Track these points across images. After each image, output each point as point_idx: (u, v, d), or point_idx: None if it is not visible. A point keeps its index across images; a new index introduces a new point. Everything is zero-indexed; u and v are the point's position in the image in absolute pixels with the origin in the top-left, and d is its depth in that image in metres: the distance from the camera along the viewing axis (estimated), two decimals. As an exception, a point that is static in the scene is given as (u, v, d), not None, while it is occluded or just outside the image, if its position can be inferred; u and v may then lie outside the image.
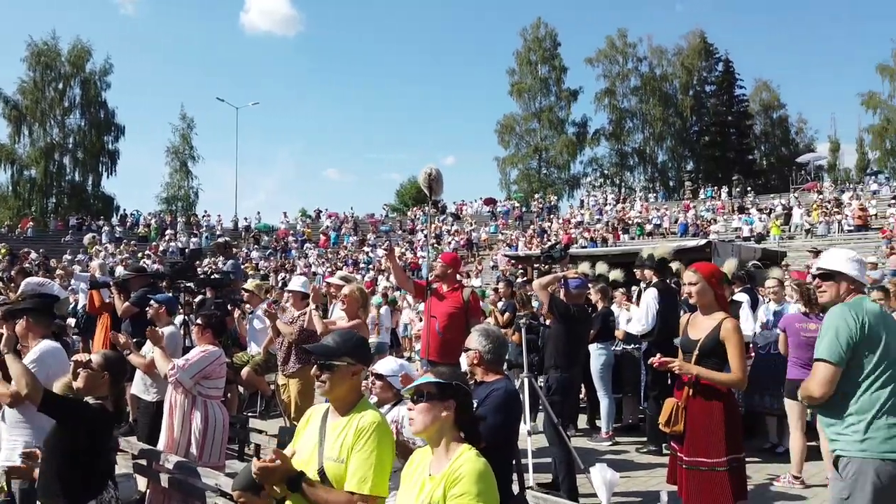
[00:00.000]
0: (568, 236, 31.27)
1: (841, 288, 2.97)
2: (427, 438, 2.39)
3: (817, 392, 2.85)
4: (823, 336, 2.89)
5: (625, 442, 7.13)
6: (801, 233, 26.38)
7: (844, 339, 2.80)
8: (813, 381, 2.88)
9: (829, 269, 3.01)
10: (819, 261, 3.11)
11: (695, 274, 3.93)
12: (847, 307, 2.90)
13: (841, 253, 3.10)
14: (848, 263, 2.98)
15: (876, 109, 50.23)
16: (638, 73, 57.63)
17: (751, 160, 57.51)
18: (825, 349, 2.85)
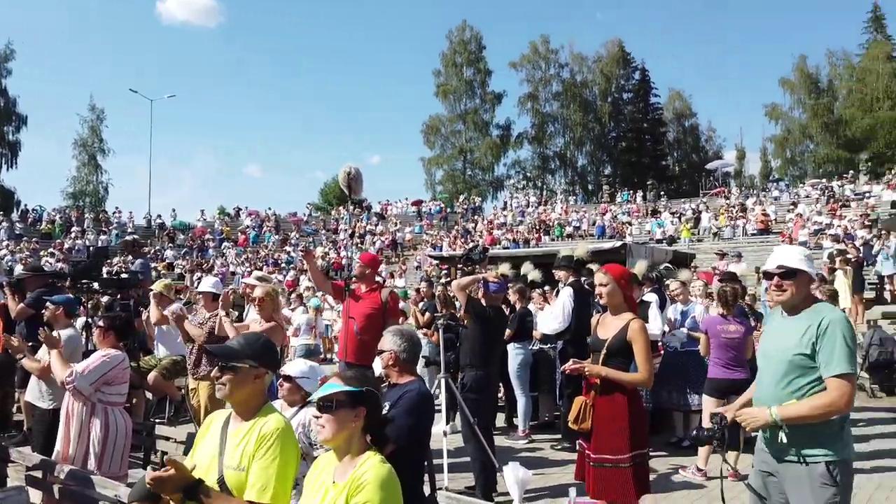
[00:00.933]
0: (491, 237, 31.72)
1: (802, 286, 2.84)
2: (334, 447, 2.34)
3: (849, 407, 2.67)
4: (835, 347, 2.65)
5: (541, 439, 7.28)
6: (709, 236, 27.73)
7: (853, 348, 2.70)
8: (842, 398, 2.63)
9: (792, 267, 2.83)
10: (776, 258, 2.91)
11: (605, 275, 4.04)
12: (842, 314, 2.86)
13: (795, 251, 2.95)
14: (806, 262, 2.86)
15: (778, 120, 53.69)
16: (560, 79, 59.25)
17: (664, 166, 60.21)
18: (845, 362, 2.64)
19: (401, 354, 3.34)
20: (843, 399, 2.63)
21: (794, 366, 2.77)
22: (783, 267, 2.86)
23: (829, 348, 2.67)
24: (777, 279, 2.87)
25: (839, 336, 2.68)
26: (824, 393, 2.67)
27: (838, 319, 2.74)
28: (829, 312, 2.79)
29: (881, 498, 5.29)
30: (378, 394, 2.48)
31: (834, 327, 2.70)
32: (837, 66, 52.26)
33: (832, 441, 2.70)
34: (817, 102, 50.59)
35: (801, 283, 2.85)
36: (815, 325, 2.73)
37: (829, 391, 2.65)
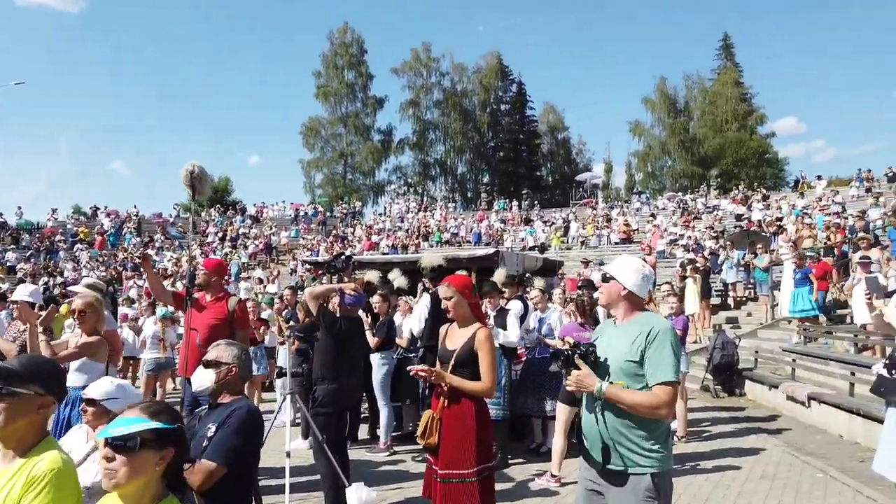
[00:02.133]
0: (370, 242, 31.42)
1: (612, 291, 2.95)
2: (122, 495, 1.92)
3: (669, 414, 2.76)
4: (662, 356, 2.73)
5: (403, 451, 7.12)
6: (577, 244, 29.06)
7: (678, 357, 2.78)
8: (665, 405, 2.69)
9: (608, 273, 3.00)
10: (607, 266, 3.08)
11: (449, 288, 3.96)
12: (670, 324, 2.93)
13: (626, 260, 3.03)
14: (629, 272, 2.94)
15: (641, 137, 57.50)
16: (441, 88, 60.06)
17: (539, 176, 62.70)
18: (671, 371, 2.71)
19: (241, 370, 3.09)
20: (666, 406, 2.70)
21: (624, 373, 2.80)
22: (605, 273, 3.04)
23: (656, 357, 2.74)
24: (599, 280, 3.09)
25: (666, 345, 2.75)
26: (650, 393, 2.72)
27: (666, 329, 2.81)
28: (657, 322, 2.87)
29: (718, 496, 5.58)
30: (185, 430, 2.18)
31: (662, 337, 2.76)
32: (693, 88, 56.85)
33: (658, 452, 2.74)
34: (675, 122, 54.71)
35: (611, 287, 2.98)
36: (645, 333, 2.79)
37: (654, 395, 2.71)
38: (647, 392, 2.73)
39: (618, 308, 2.98)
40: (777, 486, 5.80)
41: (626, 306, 2.96)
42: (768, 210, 26.82)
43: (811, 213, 22.57)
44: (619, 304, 2.96)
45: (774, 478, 6.05)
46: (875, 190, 26.17)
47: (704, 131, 53.75)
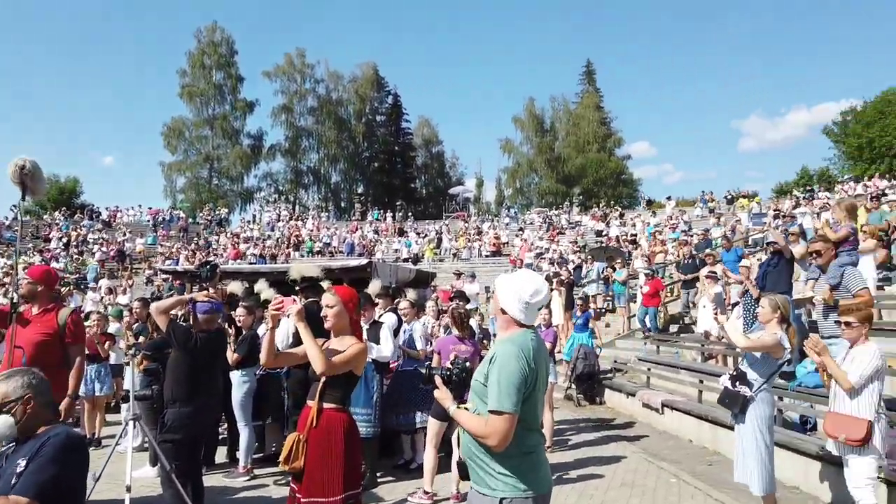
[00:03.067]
0: (236, 251, 29.96)
1: (494, 306, 2.87)
2: None
3: (501, 446, 2.53)
4: (493, 383, 2.55)
5: (264, 475, 6.66)
6: (450, 256, 29.45)
7: (518, 383, 2.54)
8: (493, 434, 2.51)
9: (494, 288, 2.89)
10: (501, 277, 2.88)
11: (333, 296, 3.74)
12: (514, 345, 2.66)
13: (515, 284, 2.75)
14: (508, 295, 2.74)
15: (510, 154, 59.69)
16: (315, 95, 58.94)
17: (413, 188, 63.19)
18: (495, 399, 2.52)
19: (39, 396, 2.69)
20: (494, 436, 2.50)
21: (476, 393, 2.69)
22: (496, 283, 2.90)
23: (490, 382, 2.60)
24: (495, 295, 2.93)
25: (496, 372, 2.57)
26: (482, 421, 2.58)
27: (501, 354, 2.62)
28: (503, 345, 2.68)
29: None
30: None
31: (498, 362, 2.60)
32: (558, 110, 59.93)
33: (509, 477, 2.58)
34: (542, 141, 57.33)
35: (494, 302, 2.86)
36: (492, 355, 2.68)
37: (483, 423, 2.56)
38: (481, 419, 2.58)
39: (498, 323, 2.85)
40: (636, 493, 6.02)
41: (502, 322, 2.83)
42: (624, 227, 28.68)
43: (662, 230, 24.35)
44: (498, 319, 2.85)
45: (633, 485, 6.28)
46: (716, 211, 28.77)
47: (568, 151, 56.72)
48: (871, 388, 4.30)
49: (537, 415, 2.74)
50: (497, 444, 2.52)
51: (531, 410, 2.67)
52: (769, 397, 4.82)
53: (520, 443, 2.61)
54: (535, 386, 2.67)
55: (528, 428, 2.65)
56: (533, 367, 2.61)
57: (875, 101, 47.46)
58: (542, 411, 2.85)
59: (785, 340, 4.72)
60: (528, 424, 2.66)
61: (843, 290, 5.80)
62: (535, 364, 2.65)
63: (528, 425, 2.66)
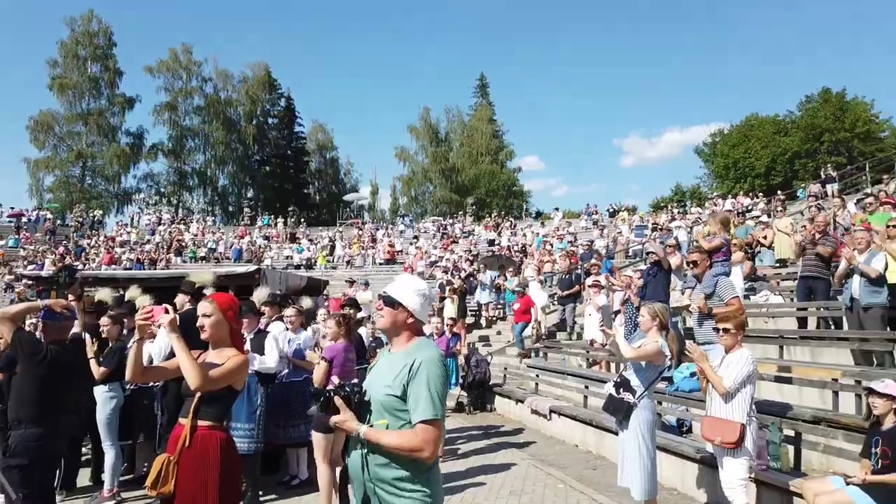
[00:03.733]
0: (110, 256, 27.95)
1: (398, 318, 2.67)
2: None
3: (433, 455, 2.48)
4: (422, 391, 2.46)
5: (133, 498, 6.14)
6: (343, 263, 28.96)
7: (444, 389, 2.54)
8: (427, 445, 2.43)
9: (392, 296, 2.70)
10: (389, 285, 2.78)
11: (211, 304, 3.44)
12: (435, 350, 2.63)
13: (411, 283, 2.76)
14: (414, 296, 2.68)
15: (406, 162, 59.74)
16: (202, 93, 56.35)
17: (306, 194, 61.70)
18: (430, 408, 2.44)
19: None
20: (428, 446, 2.44)
21: (385, 408, 2.53)
22: (387, 295, 2.75)
23: (416, 392, 2.49)
24: (380, 302, 2.78)
25: (426, 379, 2.49)
26: (410, 434, 2.46)
27: (429, 360, 2.55)
28: (423, 352, 2.59)
29: (471, 514, 5.65)
30: None
31: (423, 369, 2.51)
32: (453, 121, 60.74)
33: (419, 491, 2.50)
34: (437, 150, 57.85)
35: (397, 314, 2.69)
36: (409, 365, 2.53)
37: (415, 436, 2.45)
38: (408, 432, 2.46)
39: (399, 335, 2.70)
40: (525, 500, 6.07)
41: (407, 334, 2.70)
42: (515, 237, 29.44)
43: (551, 240, 25.18)
44: (402, 332, 2.70)
45: (522, 492, 6.33)
46: (600, 223, 30.16)
47: (462, 162, 57.59)
48: (744, 392, 4.55)
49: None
50: (431, 454, 2.47)
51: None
52: (651, 404, 4.99)
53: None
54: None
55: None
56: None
57: (739, 126, 51.75)
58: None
59: (665, 348, 4.92)
60: None
61: (716, 299, 6.15)
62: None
63: None
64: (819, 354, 8.07)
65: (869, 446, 4.18)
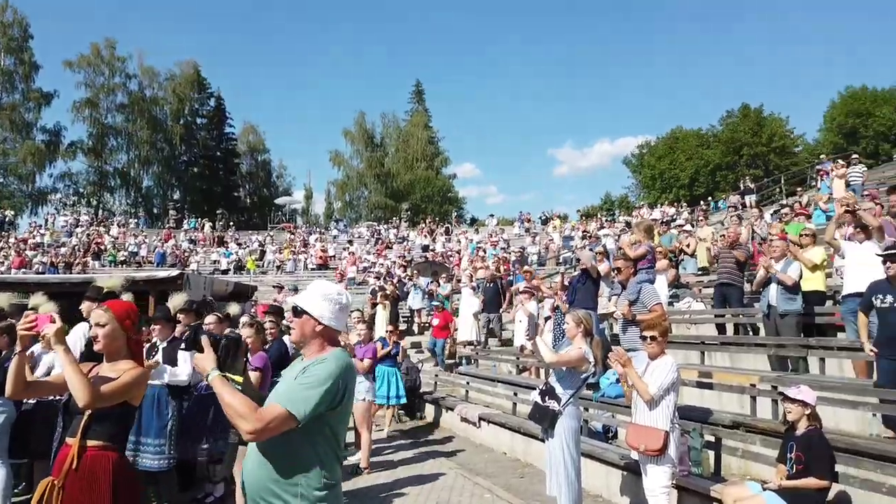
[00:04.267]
0: (21, 259, 26.30)
1: (305, 327, 2.53)
2: None
3: (255, 438, 2.31)
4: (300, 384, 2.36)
5: (26, 521, 5.66)
6: (273, 268, 28.23)
7: (322, 401, 2.33)
8: (253, 421, 2.26)
9: (299, 305, 2.56)
10: (298, 297, 2.64)
11: (105, 313, 3.15)
12: (339, 362, 2.45)
13: (318, 290, 2.59)
14: (321, 303, 2.54)
15: (340, 166, 59.07)
16: (126, 91, 54.03)
17: (236, 197, 60.00)
18: (289, 399, 2.31)
19: None
20: (257, 423, 2.26)
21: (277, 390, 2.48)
22: (296, 305, 2.61)
23: (299, 381, 2.39)
24: (290, 315, 2.71)
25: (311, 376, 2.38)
26: (251, 404, 2.33)
27: (329, 361, 2.44)
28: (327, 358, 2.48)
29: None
30: None
31: (311, 370, 2.41)
32: (389, 126, 60.53)
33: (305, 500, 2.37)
34: (372, 155, 57.46)
35: (304, 323, 2.56)
36: (305, 367, 2.47)
37: (255, 408, 2.32)
38: (250, 402, 2.33)
39: (310, 345, 2.56)
40: (451, 511, 5.95)
41: (319, 343, 2.55)
42: (450, 243, 29.46)
43: (485, 246, 25.30)
44: (312, 342, 2.55)
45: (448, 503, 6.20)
46: (532, 230, 30.55)
47: (398, 167, 57.41)
48: (667, 399, 4.57)
49: (343, 443, 2.58)
50: (255, 431, 2.27)
51: (338, 438, 2.51)
52: (576, 411, 4.96)
53: (331, 473, 2.43)
54: (346, 410, 2.51)
55: (336, 458, 2.48)
56: (344, 392, 2.43)
57: (665, 138, 53.76)
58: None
59: (589, 354, 4.90)
60: (336, 454, 2.49)
61: (640, 306, 6.22)
62: (349, 389, 2.50)
63: (336, 455, 2.49)
64: (738, 360, 8.32)
65: (785, 451, 4.26)
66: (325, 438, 2.43)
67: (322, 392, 2.34)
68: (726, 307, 9.47)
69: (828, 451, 4.11)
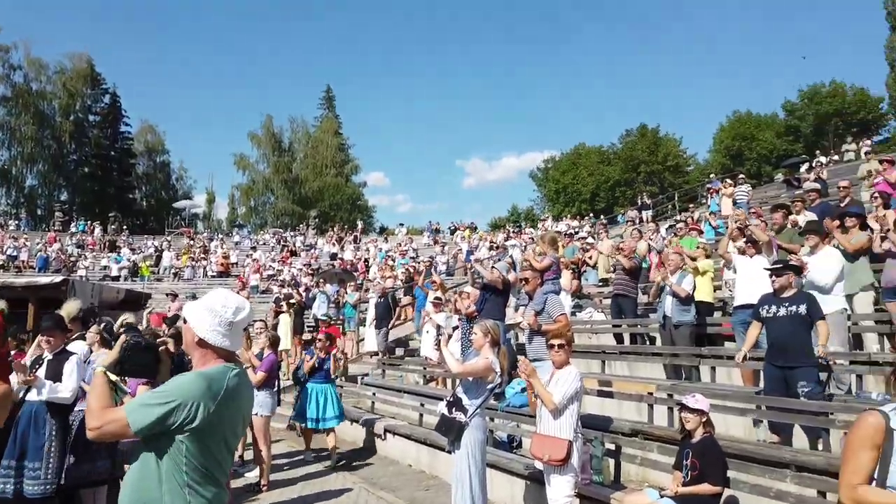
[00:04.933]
0: None
1: (187, 336, 2.37)
2: None
3: (94, 436, 2.21)
4: (152, 392, 2.23)
5: None
6: (170, 275, 26.84)
7: (164, 415, 2.14)
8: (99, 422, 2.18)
9: (185, 315, 2.40)
10: (188, 305, 2.46)
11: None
12: (202, 381, 2.24)
13: (206, 299, 2.43)
14: (201, 313, 2.35)
15: (245, 171, 57.26)
16: (10, 83, 50.06)
17: (131, 199, 56.67)
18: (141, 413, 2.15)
19: None
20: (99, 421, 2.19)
21: None
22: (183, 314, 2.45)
23: (151, 391, 2.28)
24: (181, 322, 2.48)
25: (163, 387, 2.26)
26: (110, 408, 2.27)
27: (186, 378, 2.27)
28: (189, 374, 2.34)
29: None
30: None
31: (172, 381, 2.29)
32: (298, 131, 59.37)
33: None
34: (279, 160, 56.09)
35: (187, 332, 2.41)
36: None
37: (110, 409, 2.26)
38: (105, 400, 2.28)
39: (193, 356, 2.40)
40: (354, 528, 5.77)
41: (200, 355, 2.37)
42: (359, 252, 29.10)
43: (394, 255, 25.16)
44: (194, 353, 2.38)
45: (352, 519, 6.03)
46: (441, 241, 30.71)
47: (306, 173, 56.33)
48: (571, 408, 4.62)
49: (224, 465, 2.34)
50: (93, 429, 2.20)
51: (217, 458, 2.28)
52: (482, 423, 4.93)
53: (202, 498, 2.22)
54: (210, 433, 2.24)
55: (210, 480, 2.25)
56: (198, 413, 2.18)
57: (568, 154, 55.74)
58: (231, 461, 2.44)
59: (496, 364, 4.89)
60: (212, 475, 2.26)
61: (545, 316, 6.31)
62: (226, 406, 2.27)
63: (211, 477, 2.26)
64: (636, 369, 8.63)
65: (681, 458, 4.40)
66: (189, 460, 2.20)
67: (164, 410, 2.14)
68: (622, 317, 9.87)
69: (721, 458, 4.29)
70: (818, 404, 5.14)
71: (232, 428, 2.35)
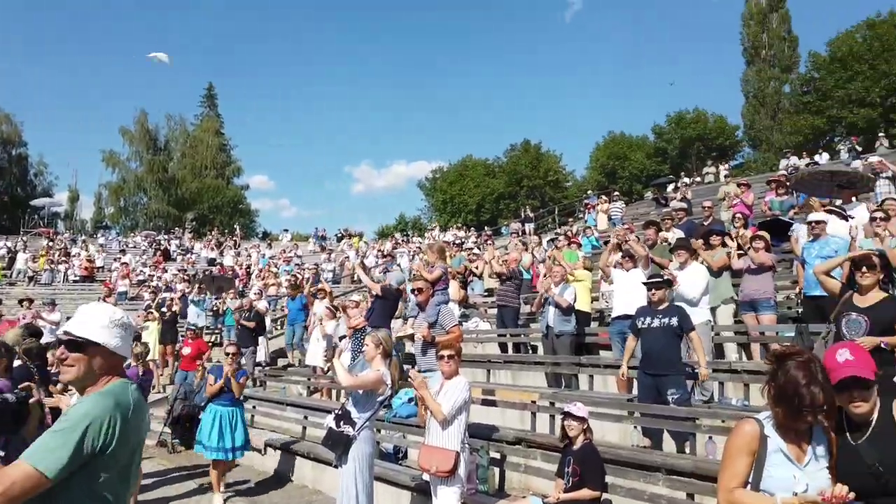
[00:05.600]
0: None
1: (95, 362, 2.10)
2: None
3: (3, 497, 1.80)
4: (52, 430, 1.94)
5: None
6: (25, 279, 24.46)
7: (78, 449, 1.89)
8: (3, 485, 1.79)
9: (81, 336, 2.08)
10: (69, 323, 2.13)
11: None
12: (110, 399, 2.02)
13: (98, 315, 2.16)
14: (107, 331, 2.11)
15: (115, 168, 53.42)
16: None
17: (-19, 194, 51.18)
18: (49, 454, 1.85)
19: None
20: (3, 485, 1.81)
21: None
22: (70, 335, 2.10)
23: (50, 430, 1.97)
24: (63, 350, 2.11)
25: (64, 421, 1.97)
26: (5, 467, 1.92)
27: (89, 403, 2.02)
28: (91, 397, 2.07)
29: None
30: None
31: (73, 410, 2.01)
32: (175, 129, 56.18)
33: None
34: (154, 159, 52.82)
35: (90, 359, 2.11)
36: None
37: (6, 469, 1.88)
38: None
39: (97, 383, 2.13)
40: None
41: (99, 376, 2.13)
42: (240, 257, 27.93)
43: (277, 262, 24.37)
44: (100, 378, 2.14)
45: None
46: (327, 248, 30.17)
47: (184, 173, 53.48)
48: (460, 419, 4.64)
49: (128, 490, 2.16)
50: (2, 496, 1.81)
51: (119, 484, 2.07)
52: (371, 436, 4.85)
53: None
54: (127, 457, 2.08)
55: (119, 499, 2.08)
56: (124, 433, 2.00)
57: (456, 165, 56.71)
58: (137, 484, 2.25)
59: (387, 376, 4.84)
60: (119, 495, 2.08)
61: (438, 328, 6.32)
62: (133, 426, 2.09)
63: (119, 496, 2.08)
64: (519, 377, 8.87)
65: (563, 465, 4.54)
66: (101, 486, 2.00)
67: (76, 437, 1.91)
68: (504, 326, 10.17)
69: (599, 464, 4.47)
70: (686, 410, 5.50)
71: (140, 445, 2.17)
